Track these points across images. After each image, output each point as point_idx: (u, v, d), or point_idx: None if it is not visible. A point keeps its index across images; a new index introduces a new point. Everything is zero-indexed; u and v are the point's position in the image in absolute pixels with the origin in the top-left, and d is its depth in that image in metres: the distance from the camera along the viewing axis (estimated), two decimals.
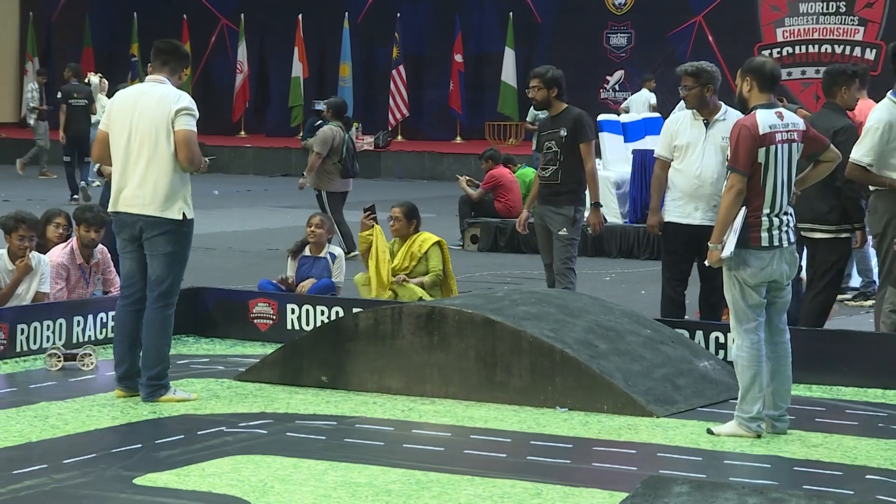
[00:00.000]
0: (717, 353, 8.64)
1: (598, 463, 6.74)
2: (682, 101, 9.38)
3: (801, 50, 24.73)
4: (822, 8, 24.64)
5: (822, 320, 9.17)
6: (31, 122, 24.42)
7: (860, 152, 8.75)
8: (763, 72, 7.26)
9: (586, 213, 9.86)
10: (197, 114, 7.90)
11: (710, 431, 7.20)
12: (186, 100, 7.84)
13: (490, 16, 28.00)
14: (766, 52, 24.69)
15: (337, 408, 7.79)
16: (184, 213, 7.81)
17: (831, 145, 7.54)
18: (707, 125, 9.08)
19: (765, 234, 7.12)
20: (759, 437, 7.12)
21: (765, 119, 7.14)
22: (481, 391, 7.94)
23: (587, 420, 7.50)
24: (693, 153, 9.06)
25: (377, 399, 7.97)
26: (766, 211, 7.11)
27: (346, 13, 28.43)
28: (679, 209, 9.09)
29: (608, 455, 6.85)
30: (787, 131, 7.17)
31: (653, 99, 22.14)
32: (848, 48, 24.40)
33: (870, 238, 9.28)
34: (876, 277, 10.87)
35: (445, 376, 8.00)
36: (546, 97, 9.74)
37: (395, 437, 7.18)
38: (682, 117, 9.22)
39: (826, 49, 24.50)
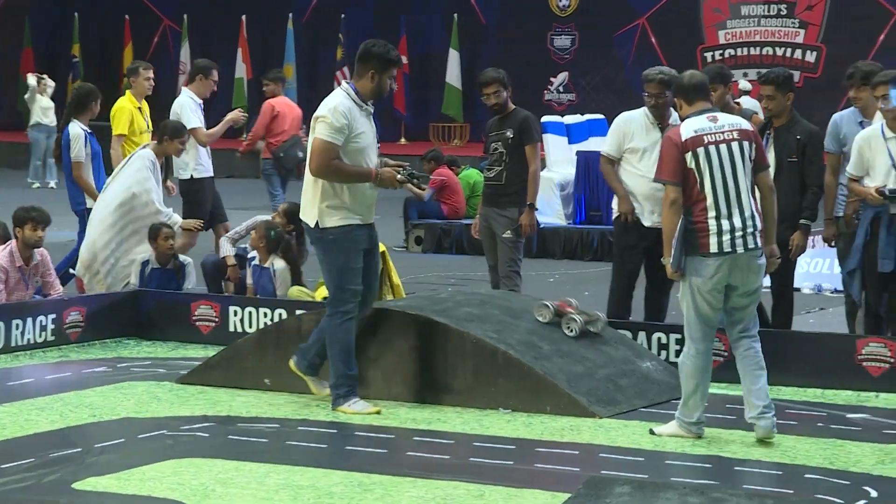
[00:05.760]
0: (659, 354, 8.68)
1: (541, 464, 6.75)
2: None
3: (742, 52, 24.91)
4: (764, 10, 24.82)
5: None
6: None
7: None
8: (682, 85, 7.22)
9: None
10: (336, 122, 7.57)
11: (651, 432, 7.22)
12: (324, 108, 7.65)
13: (434, 17, 28.00)
14: (709, 54, 24.87)
15: (279, 410, 7.76)
16: (317, 221, 7.68)
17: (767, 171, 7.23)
18: (662, 130, 9.12)
19: (713, 240, 6.97)
20: (699, 437, 7.15)
21: (690, 125, 7.06)
22: (425, 393, 7.93)
23: (530, 421, 7.51)
24: (650, 158, 9.07)
25: (320, 401, 7.94)
26: (711, 214, 6.98)
27: (291, 14, 28.34)
28: (636, 209, 9.10)
29: (551, 456, 6.87)
30: (721, 132, 7.03)
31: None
32: (789, 50, 24.60)
33: None
34: None
35: (389, 378, 7.99)
36: (505, 100, 9.71)
37: (337, 440, 7.17)
38: (634, 118, 9.20)
39: (767, 51, 24.68)
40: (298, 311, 9.08)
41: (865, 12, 23.69)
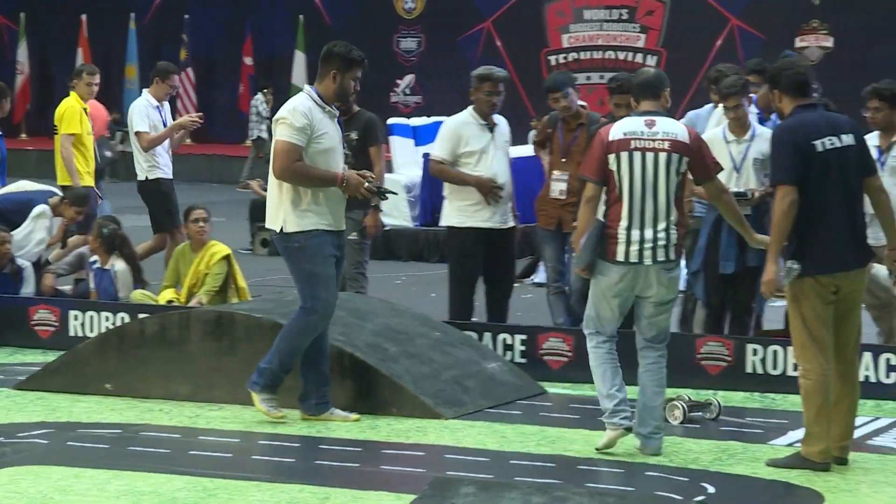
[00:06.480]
0: (504, 355, 8.75)
1: (387, 466, 6.76)
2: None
3: (586, 56, 25.26)
4: (606, 15, 25.19)
5: None
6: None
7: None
8: (631, 84, 7.09)
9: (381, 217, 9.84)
10: (297, 123, 7.38)
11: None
12: (284, 109, 7.47)
13: (280, 18, 27.82)
14: (553, 58, 25.16)
15: (122, 415, 7.64)
16: (282, 227, 7.46)
17: (717, 178, 6.97)
18: (491, 130, 9.20)
19: (621, 248, 6.78)
20: (628, 430, 6.84)
21: (623, 126, 6.86)
22: None
23: (376, 423, 7.51)
24: (486, 159, 9.14)
25: (164, 406, 7.84)
26: (623, 223, 6.76)
27: (133, 14, 27.91)
28: (478, 214, 9.12)
29: (397, 458, 6.89)
30: (653, 139, 6.77)
31: None
32: (630, 54, 25.01)
33: None
34: None
35: (234, 382, 7.91)
36: (351, 101, 9.67)
37: (181, 444, 7.08)
38: (465, 121, 9.24)
39: (610, 55, 25.06)
40: (141, 315, 8.95)
41: (703, 18, 24.21)
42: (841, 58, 22.57)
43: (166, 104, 11.78)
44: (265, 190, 15.92)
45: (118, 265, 10.51)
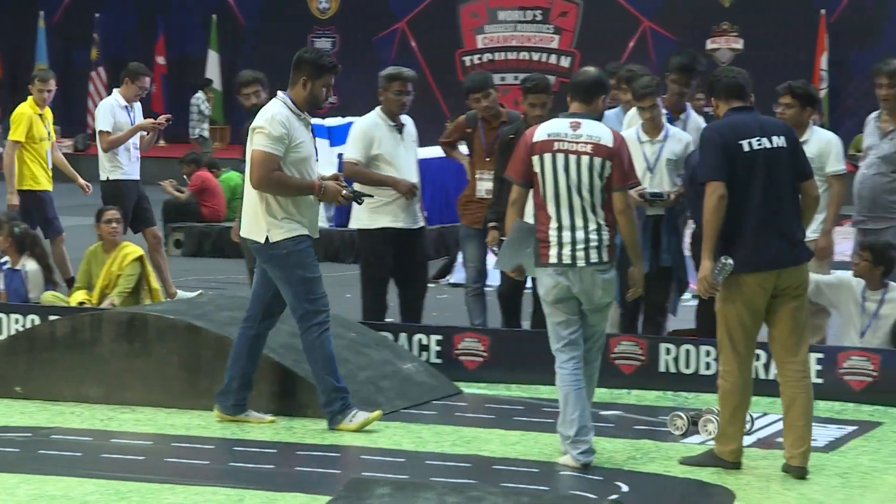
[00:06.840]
0: (420, 356, 8.75)
1: (302, 467, 6.74)
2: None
3: (500, 56, 25.36)
4: (520, 16, 25.32)
5: None
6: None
7: None
8: (571, 82, 7.01)
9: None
10: (275, 132, 7.27)
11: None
12: (261, 118, 7.32)
13: (193, 17, 27.63)
14: (468, 59, 25.23)
15: (32, 419, 7.55)
16: (267, 236, 7.30)
17: (627, 191, 6.83)
18: (399, 131, 9.19)
19: (553, 251, 6.69)
20: (584, 465, 6.65)
21: (548, 127, 6.79)
22: (185, 398, 7.82)
23: (291, 425, 7.48)
24: (397, 160, 9.13)
25: (75, 409, 7.75)
26: (553, 226, 6.70)
27: (42, 12, 27.57)
28: (390, 214, 9.10)
29: (312, 459, 6.87)
30: (576, 142, 6.68)
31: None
32: (544, 55, 25.15)
33: None
34: None
35: (147, 384, 7.86)
36: (264, 101, 9.57)
37: (93, 448, 7.01)
38: (375, 122, 9.19)
39: (524, 56, 25.18)
40: (52, 317, 8.83)
41: (616, 19, 24.43)
42: (750, 59, 22.88)
43: (137, 105, 11.68)
44: (178, 191, 15.99)
45: (29, 265, 10.37)
